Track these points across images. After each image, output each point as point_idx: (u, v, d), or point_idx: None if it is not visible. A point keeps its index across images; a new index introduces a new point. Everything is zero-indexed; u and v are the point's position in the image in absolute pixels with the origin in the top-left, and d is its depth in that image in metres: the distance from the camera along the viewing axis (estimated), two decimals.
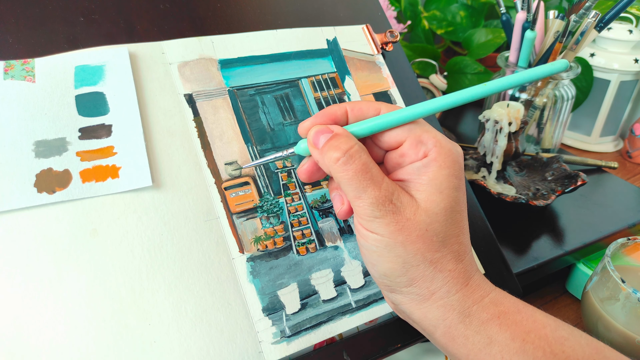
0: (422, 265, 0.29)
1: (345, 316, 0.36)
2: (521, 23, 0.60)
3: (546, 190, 0.54)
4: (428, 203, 0.29)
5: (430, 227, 0.29)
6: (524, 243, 0.52)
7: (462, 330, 0.29)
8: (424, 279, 0.29)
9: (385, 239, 0.29)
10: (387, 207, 0.29)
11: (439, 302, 0.30)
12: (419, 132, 0.31)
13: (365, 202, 0.29)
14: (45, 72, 0.36)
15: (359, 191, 0.29)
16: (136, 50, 0.39)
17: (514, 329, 0.28)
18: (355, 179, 0.29)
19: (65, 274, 0.31)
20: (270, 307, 0.34)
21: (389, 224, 0.29)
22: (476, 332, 0.29)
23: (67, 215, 0.32)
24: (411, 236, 0.29)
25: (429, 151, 0.30)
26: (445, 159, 0.30)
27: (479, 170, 0.57)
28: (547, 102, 0.64)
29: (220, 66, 0.41)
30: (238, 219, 0.36)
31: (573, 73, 0.61)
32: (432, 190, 0.30)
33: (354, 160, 0.29)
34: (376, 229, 0.29)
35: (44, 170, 0.32)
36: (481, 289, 0.30)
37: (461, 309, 0.29)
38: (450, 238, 0.30)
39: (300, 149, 0.33)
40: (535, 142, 0.67)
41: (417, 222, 0.29)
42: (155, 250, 0.33)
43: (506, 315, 0.29)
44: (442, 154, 0.30)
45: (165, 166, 0.36)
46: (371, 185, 0.29)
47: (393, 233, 0.29)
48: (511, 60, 0.64)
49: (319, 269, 0.37)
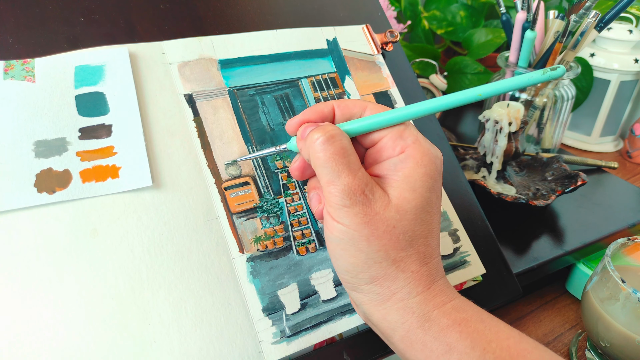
0: (385, 262, 0.28)
1: (345, 316, 0.36)
2: (521, 23, 0.60)
3: (546, 190, 0.54)
4: (400, 200, 0.29)
5: (399, 224, 0.28)
6: (524, 243, 0.52)
7: (420, 336, 0.28)
8: (385, 277, 0.29)
9: (351, 230, 0.28)
10: (357, 197, 0.28)
11: (399, 304, 0.29)
12: (401, 128, 0.31)
13: (338, 187, 0.28)
14: (45, 72, 0.36)
15: (333, 175, 0.28)
16: (136, 50, 0.39)
17: (474, 337, 0.27)
18: (332, 161, 0.28)
19: (65, 274, 0.31)
20: (270, 307, 0.34)
21: (357, 215, 0.28)
22: (435, 338, 0.28)
23: (67, 215, 0.32)
24: (377, 231, 0.28)
25: (407, 147, 0.30)
26: (423, 157, 0.30)
27: (479, 170, 0.57)
28: (547, 102, 0.64)
29: (220, 66, 0.41)
30: (238, 219, 0.36)
31: (573, 73, 0.61)
32: (405, 187, 0.29)
33: (333, 141, 0.29)
34: (343, 219, 0.28)
35: (44, 170, 0.32)
36: (444, 294, 0.29)
37: (421, 313, 0.28)
38: (417, 238, 0.29)
39: (293, 145, 0.33)
40: (535, 142, 0.67)
41: (385, 218, 0.28)
42: (156, 250, 0.33)
43: (468, 322, 0.28)
44: (419, 152, 0.30)
45: (165, 166, 0.36)
46: (346, 171, 0.28)
47: (359, 225, 0.28)
48: (511, 60, 0.64)
49: (319, 269, 0.37)
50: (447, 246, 0.42)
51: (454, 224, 0.43)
